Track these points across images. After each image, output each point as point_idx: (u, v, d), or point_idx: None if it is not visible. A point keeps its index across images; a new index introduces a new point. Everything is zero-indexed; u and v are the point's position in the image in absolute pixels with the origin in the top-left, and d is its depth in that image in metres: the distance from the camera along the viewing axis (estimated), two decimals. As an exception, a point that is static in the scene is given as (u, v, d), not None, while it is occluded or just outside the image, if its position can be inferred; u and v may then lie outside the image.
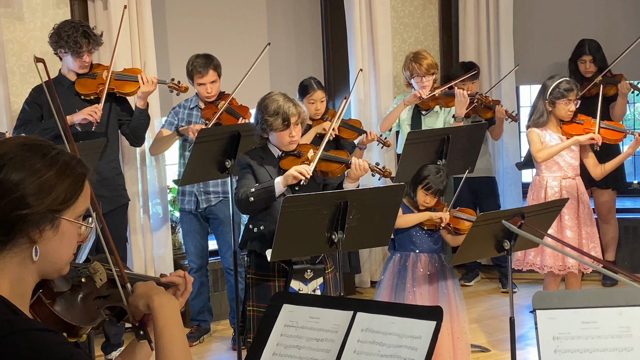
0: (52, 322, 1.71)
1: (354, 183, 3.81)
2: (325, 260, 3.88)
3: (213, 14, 6.12)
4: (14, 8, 5.20)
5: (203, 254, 5.44)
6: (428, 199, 4.41)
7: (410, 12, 6.75)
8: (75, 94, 4.89)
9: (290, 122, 3.76)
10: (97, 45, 4.87)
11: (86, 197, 1.70)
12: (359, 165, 3.75)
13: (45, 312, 1.71)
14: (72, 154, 1.70)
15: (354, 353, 1.94)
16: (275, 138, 3.83)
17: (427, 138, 4.95)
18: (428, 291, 4.37)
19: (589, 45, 6.13)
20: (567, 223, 4.96)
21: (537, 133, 5.00)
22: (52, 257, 1.66)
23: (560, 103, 4.96)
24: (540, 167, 5.06)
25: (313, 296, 3.42)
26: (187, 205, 5.33)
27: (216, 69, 5.19)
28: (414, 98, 5.53)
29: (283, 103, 3.77)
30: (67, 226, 1.65)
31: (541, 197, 4.99)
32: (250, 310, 3.92)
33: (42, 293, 1.71)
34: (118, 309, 1.93)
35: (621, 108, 6.07)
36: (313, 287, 3.80)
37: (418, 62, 5.64)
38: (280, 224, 3.47)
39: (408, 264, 4.40)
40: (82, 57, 4.77)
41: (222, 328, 5.70)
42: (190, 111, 5.28)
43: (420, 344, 1.88)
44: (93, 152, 4.45)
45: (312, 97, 5.34)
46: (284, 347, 2.02)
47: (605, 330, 2.08)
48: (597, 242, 5.08)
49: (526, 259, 5.03)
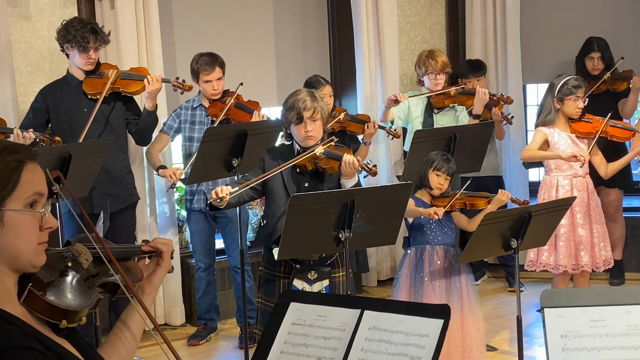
0: (48, 313, 1.70)
1: (349, 179, 3.80)
2: (338, 264, 3.87)
3: (220, 13, 6.13)
4: (22, 7, 5.21)
5: (210, 253, 5.45)
6: (441, 180, 4.42)
7: (417, 10, 6.75)
8: (82, 93, 4.90)
9: (303, 116, 3.77)
10: (104, 43, 4.89)
11: (32, 181, 1.62)
12: (348, 162, 3.74)
13: (40, 304, 1.69)
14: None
15: (362, 351, 1.94)
16: (294, 133, 3.86)
17: (434, 137, 4.95)
18: (444, 285, 4.36)
19: (598, 43, 6.12)
20: (579, 221, 4.95)
21: (543, 133, 5.00)
22: (11, 251, 1.61)
23: (569, 100, 4.97)
24: (550, 167, 5.06)
25: (320, 294, 3.43)
26: (196, 204, 5.33)
27: (221, 67, 5.21)
28: (390, 102, 5.51)
29: (300, 97, 3.80)
30: (16, 216, 1.60)
31: (552, 196, 4.99)
32: (259, 302, 3.99)
33: (32, 286, 1.69)
34: (110, 285, 1.94)
35: (633, 104, 6.06)
36: (318, 289, 3.79)
37: (434, 59, 5.66)
38: (287, 223, 3.47)
39: (425, 257, 4.39)
40: (89, 53, 4.78)
41: (229, 327, 5.71)
42: (193, 111, 5.28)
43: (428, 342, 1.88)
44: (100, 150, 4.46)
45: (320, 92, 5.36)
46: (292, 345, 2.02)
47: (613, 328, 2.08)
48: (608, 240, 5.08)
49: (539, 259, 5.02)
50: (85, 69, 4.88)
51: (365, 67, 6.21)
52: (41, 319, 1.70)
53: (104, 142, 4.58)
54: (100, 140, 4.65)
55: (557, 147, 5.00)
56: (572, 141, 5.02)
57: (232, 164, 4.52)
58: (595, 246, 4.98)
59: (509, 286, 6.29)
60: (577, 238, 4.95)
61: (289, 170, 3.84)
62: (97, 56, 4.88)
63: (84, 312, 1.78)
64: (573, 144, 5.01)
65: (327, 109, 3.93)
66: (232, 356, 5.28)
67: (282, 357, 2.02)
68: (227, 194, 3.64)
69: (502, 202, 4.41)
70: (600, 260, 5.00)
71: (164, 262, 2.06)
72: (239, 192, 3.73)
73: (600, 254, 4.99)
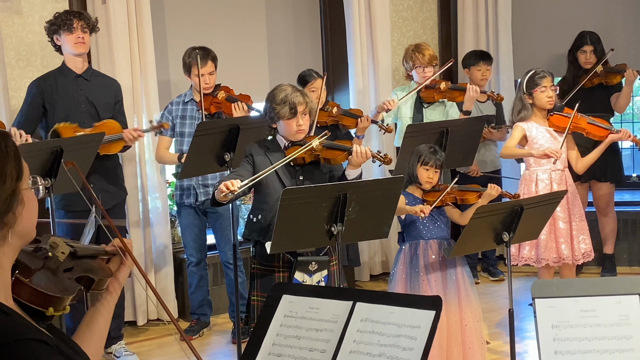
0: (36, 299, 1.73)
1: (355, 169, 3.84)
2: (331, 252, 3.89)
3: (211, 8, 6.13)
4: (13, 2, 5.20)
5: (202, 248, 5.45)
6: (430, 174, 4.41)
7: (409, 5, 6.76)
8: (80, 88, 4.88)
9: (297, 111, 3.81)
10: (89, 24, 4.83)
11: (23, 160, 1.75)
12: (361, 152, 3.79)
13: (28, 290, 1.73)
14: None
15: (354, 342, 1.95)
16: (283, 127, 3.87)
17: (426, 131, 4.96)
18: (439, 278, 4.36)
19: (590, 37, 6.14)
20: (560, 215, 4.97)
21: (521, 129, 5.04)
22: (27, 227, 1.72)
23: (537, 92, 4.99)
24: (529, 161, 5.10)
25: (312, 287, 3.44)
26: (186, 199, 5.33)
27: (214, 61, 5.21)
28: (381, 109, 5.51)
29: (291, 92, 3.85)
30: (27, 194, 1.71)
31: (532, 190, 5.02)
32: (254, 300, 3.96)
33: (19, 274, 1.74)
34: (85, 279, 1.98)
35: (626, 97, 6.09)
36: (317, 279, 3.81)
37: (421, 53, 5.66)
38: (279, 216, 3.48)
39: (419, 252, 4.40)
40: (76, 33, 4.76)
41: (221, 322, 5.72)
42: (184, 106, 5.28)
43: (420, 333, 1.89)
44: (92, 145, 4.46)
45: (313, 85, 5.39)
46: (284, 337, 2.03)
47: (604, 318, 2.09)
48: (587, 233, 5.08)
49: (521, 254, 5.05)
50: (77, 52, 4.83)
51: (357, 61, 6.22)
52: (27, 309, 1.72)
53: (95, 136, 4.57)
54: (91, 135, 4.64)
55: (535, 142, 5.02)
56: (551, 135, 5.04)
57: (225, 158, 4.52)
58: (575, 239, 5.00)
59: (491, 276, 6.37)
60: (558, 231, 4.98)
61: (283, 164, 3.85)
62: (86, 38, 4.83)
63: (68, 300, 1.82)
64: (551, 138, 5.03)
65: (314, 103, 3.95)
66: (225, 351, 5.28)
67: (274, 349, 2.03)
68: (238, 188, 3.62)
69: (493, 196, 4.41)
70: (580, 253, 5.02)
71: (127, 260, 2.15)
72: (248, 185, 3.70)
73: (580, 246, 5.01)
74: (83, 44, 4.82)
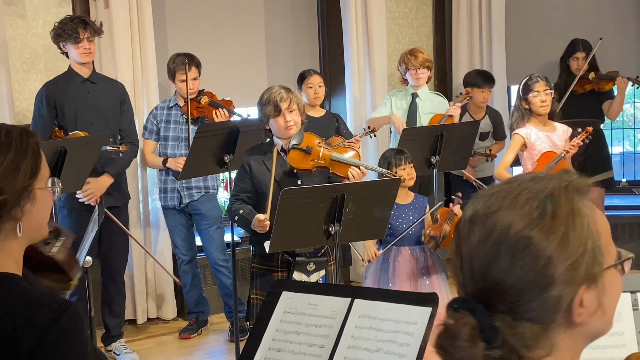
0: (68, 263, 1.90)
1: None
2: (329, 252, 3.97)
3: (211, 11, 6.19)
4: (17, 6, 5.27)
5: (192, 246, 5.50)
6: (407, 170, 4.45)
7: (405, 13, 6.85)
8: (88, 91, 4.98)
9: (280, 108, 3.88)
10: (96, 33, 4.93)
11: (45, 161, 1.79)
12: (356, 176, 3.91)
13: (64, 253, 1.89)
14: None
15: (352, 338, 1.99)
16: (273, 126, 3.95)
17: (422, 135, 5.04)
18: (409, 287, 4.37)
19: (582, 43, 6.22)
20: None
21: (520, 137, 4.98)
22: (37, 225, 1.78)
23: (530, 97, 5.02)
24: (527, 168, 5.13)
25: (312, 284, 3.52)
26: (170, 201, 5.39)
27: (197, 67, 5.29)
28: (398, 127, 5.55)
29: (275, 90, 3.93)
30: (41, 193, 1.76)
31: None
32: (254, 298, 4.02)
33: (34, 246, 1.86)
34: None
35: (619, 105, 6.15)
36: (315, 279, 3.87)
37: (414, 55, 5.72)
38: (278, 216, 3.55)
39: (390, 259, 4.45)
40: (82, 44, 4.85)
41: (218, 320, 5.75)
42: (169, 111, 5.35)
43: (417, 329, 1.93)
44: (95, 145, 4.54)
45: (309, 81, 5.47)
46: (284, 333, 2.07)
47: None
48: None
49: None
50: (83, 61, 4.92)
51: (354, 67, 6.30)
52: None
53: (99, 137, 4.66)
54: (95, 135, 4.73)
55: (534, 148, 5.03)
56: (550, 140, 5.07)
57: (224, 160, 4.60)
58: None
59: None
60: None
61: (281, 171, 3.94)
62: (92, 47, 4.93)
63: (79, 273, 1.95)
64: (551, 143, 5.07)
65: (302, 100, 4.01)
66: (223, 349, 5.34)
67: (274, 344, 2.07)
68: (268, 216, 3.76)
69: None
70: None
71: None
72: None
73: None
74: (90, 53, 4.93)
